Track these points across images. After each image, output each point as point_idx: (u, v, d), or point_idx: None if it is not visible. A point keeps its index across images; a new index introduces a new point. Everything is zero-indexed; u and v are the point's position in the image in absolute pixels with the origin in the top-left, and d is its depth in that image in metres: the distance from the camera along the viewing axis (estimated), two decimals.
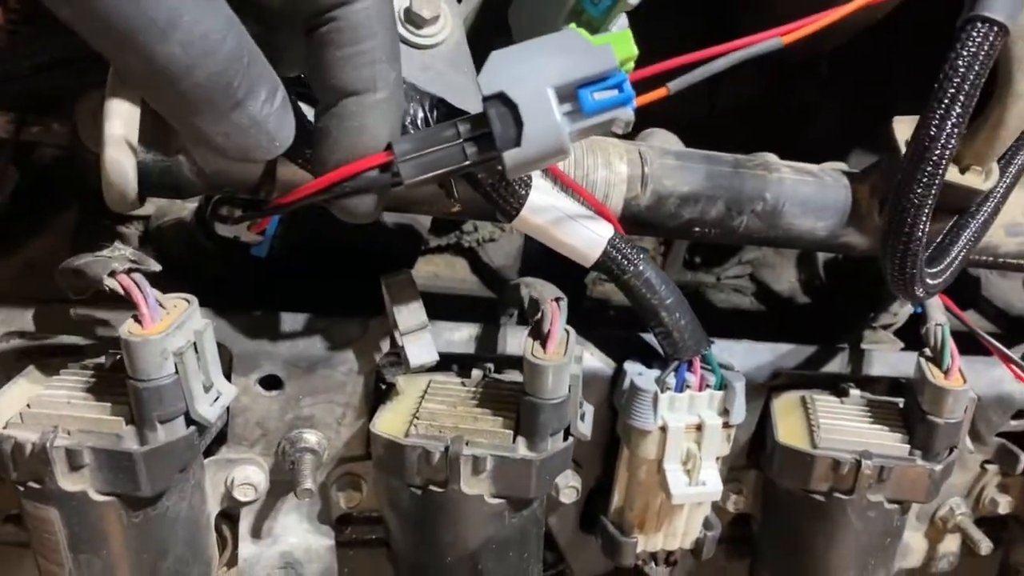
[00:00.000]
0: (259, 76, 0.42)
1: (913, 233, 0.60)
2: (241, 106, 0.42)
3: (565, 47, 0.42)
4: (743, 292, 0.93)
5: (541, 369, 0.58)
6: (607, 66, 0.42)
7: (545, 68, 0.42)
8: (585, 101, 0.42)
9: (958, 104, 0.57)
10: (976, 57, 0.56)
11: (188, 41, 0.38)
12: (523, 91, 0.42)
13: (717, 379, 0.67)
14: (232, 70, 0.40)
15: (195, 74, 0.39)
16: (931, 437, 0.68)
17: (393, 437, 0.60)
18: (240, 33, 0.41)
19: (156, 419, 0.53)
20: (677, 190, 0.67)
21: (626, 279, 0.63)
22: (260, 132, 0.43)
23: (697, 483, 0.66)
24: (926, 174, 0.59)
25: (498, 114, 0.42)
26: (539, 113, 0.42)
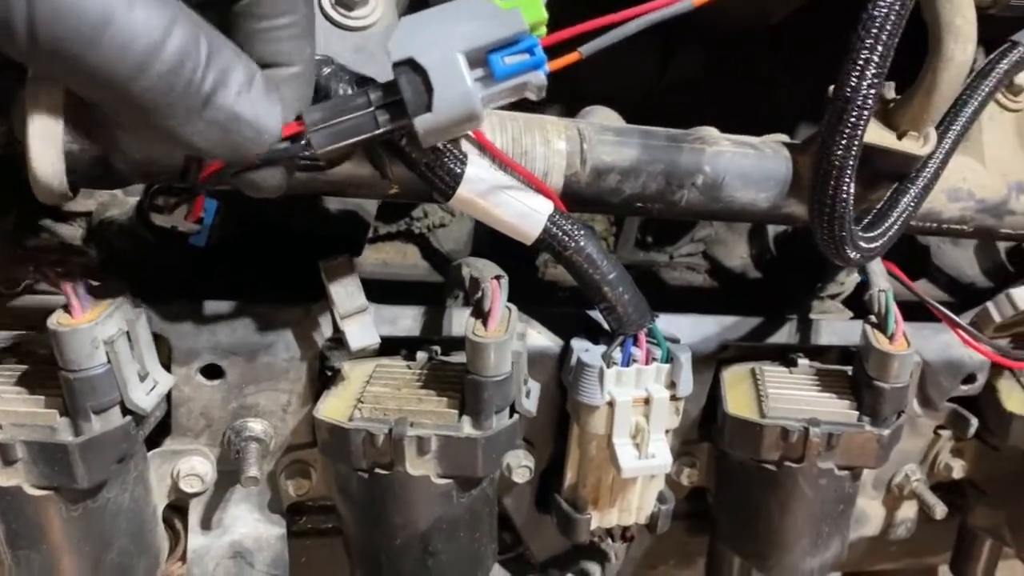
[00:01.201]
0: (227, 66, 0.40)
1: (838, 195, 0.60)
2: (211, 102, 0.40)
3: (474, 12, 0.42)
4: (696, 269, 0.93)
5: (482, 347, 0.58)
6: (516, 29, 0.42)
7: (455, 33, 0.42)
8: (496, 66, 0.42)
9: (872, 64, 0.57)
10: (888, 15, 0.56)
11: (122, 45, 0.36)
12: (433, 56, 0.42)
13: (663, 352, 0.67)
14: (186, 67, 0.38)
15: (141, 78, 0.38)
16: (878, 402, 0.69)
17: (337, 421, 0.60)
18: (190, 26, 0.39)
19: (90, 409, 0.53)
20: (617, 166, 0.67)
21: (568, 255, 0.63)
22: (242, 125, 0.42)
23: (647, 456, 0.66)
24: (845, 135, 0.58)
25: (408, 80, 0.42)
26: (449, 78, 0.41)
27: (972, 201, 0.77)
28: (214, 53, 0.39)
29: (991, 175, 0.79)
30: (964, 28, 0.64)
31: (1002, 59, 0.73)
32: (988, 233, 0.80)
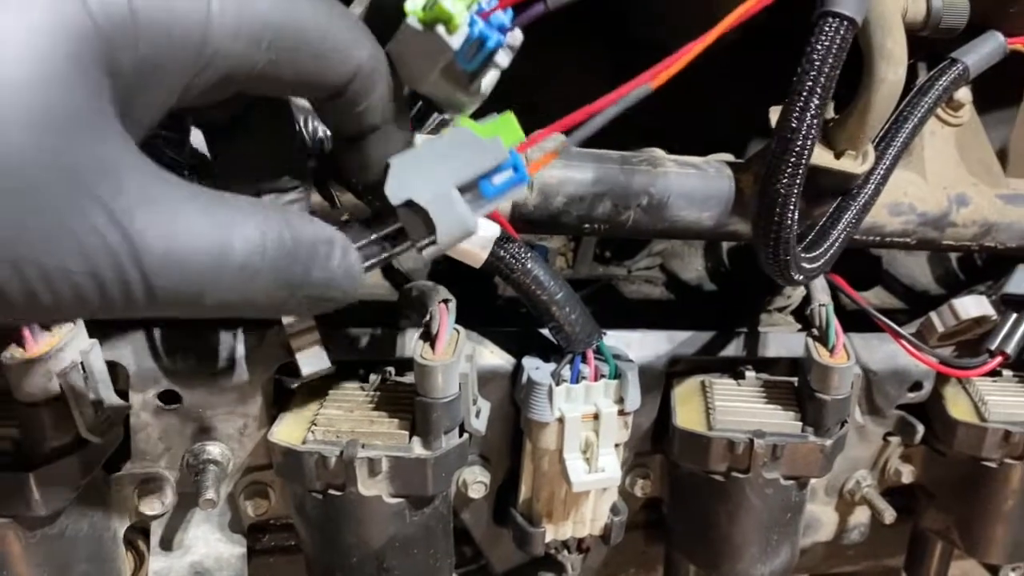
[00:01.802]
0: (312, 246, 0.40)
1: (783, 222, 0.63)
2: (307, 282, 0.40)
3: (458, 146, 0.45)
4: (654, 283, 0.95)
5: (430, 370, 0.60)
6: (500, 159, 0.45)
7: (444, 170, 0.45)
8: (485, 188, 0.45)
9: (816, 96, 0.60)
10: (830, 50, 0.59)
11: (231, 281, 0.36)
12: (428, 195, 0.45)
13: (611, 369, 0.69)
14: (284, 264, 0.38)
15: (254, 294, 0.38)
16: (821, 413, 0.71)
17: (290, 444, 0.62)
18: (273, 222, 0.38)
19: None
20: (563, 189, 0.69)
21: (516, 278, 0.65)
22: (335, 291, 0.42)
23: (596, 470, 0.68)
24: (790, 164, 0.61)
25: (410, 219, 0.45)
26: (447, 212, 0.45)
27: (914, 215, 0.80)
28: (298, 237, 0.39)
29: (932, 189, 0.81)
30: (895, 51, 0.67)
31: (941, 76, 0.76)
32: (930, 245, 0.83)
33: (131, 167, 0.34)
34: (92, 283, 0.32)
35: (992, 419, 0.79)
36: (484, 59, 0.51)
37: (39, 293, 0.31)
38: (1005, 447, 0.79)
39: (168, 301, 0.34)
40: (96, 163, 0.32)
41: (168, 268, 0.34)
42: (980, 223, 0.82)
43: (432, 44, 0.47)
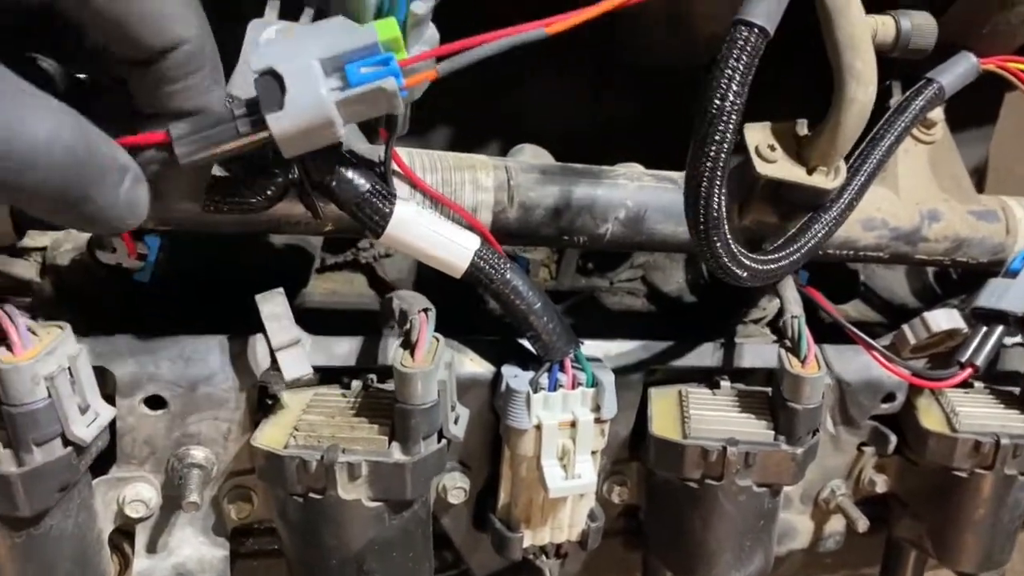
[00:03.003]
0: (102, 166, 0.42)
1: (707, 219, 0.61)
2: (87, 199, 0.42)
3: (332, 29, 0.46)
4: (636, 294, 0.97)
5: (409, 377, 0.62)
6: (368, 41, 0.45)
7: (312, 45, 0.45)
8: (352, 74, 0.46)
9: (728, 101, 0.59)
10: (741, 56, 0.59)
11: (20, 158, 0.38)
12: (289, 65, 0.45)
13: (588, 377, 0.70)
14: (67, 172, 0.40)
15: (34, 179, 0.39)
16: (792, 422, 0.72)
17: (272, 449, 0.63)
18: (75, 126, 0.41)
19: (31, 442, 0.56)
20: (542, 202, 0.72)
21: (495, 288, 0.67)
22: (112, 215, 0.44)
23: (573, 476, 0.70)
24: (707, 165, 0.60)
25: (265, 87, 0.45)
26: (303, 83, 0.45)
27: (886, 230, 0.82)
28: (92, 152, 0.42)
29: (905, 204, 0.83)
30: (864, 71, 0.69)
31: (918, 96, 0.78)
32: (904, 259, 0.85)
33: None
34: None
35: (963, 430, 0.81)
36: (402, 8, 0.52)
37: None
38: (975, 457, 0.81)
39: None
40: None
41: None
42: (952, 238, 0.84)
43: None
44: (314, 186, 0.62)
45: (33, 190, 0.40)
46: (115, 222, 0.44)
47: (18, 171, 0.38)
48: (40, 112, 0.40)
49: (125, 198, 0.44)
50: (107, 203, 0.43)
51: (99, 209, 0.43)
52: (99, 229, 0.46)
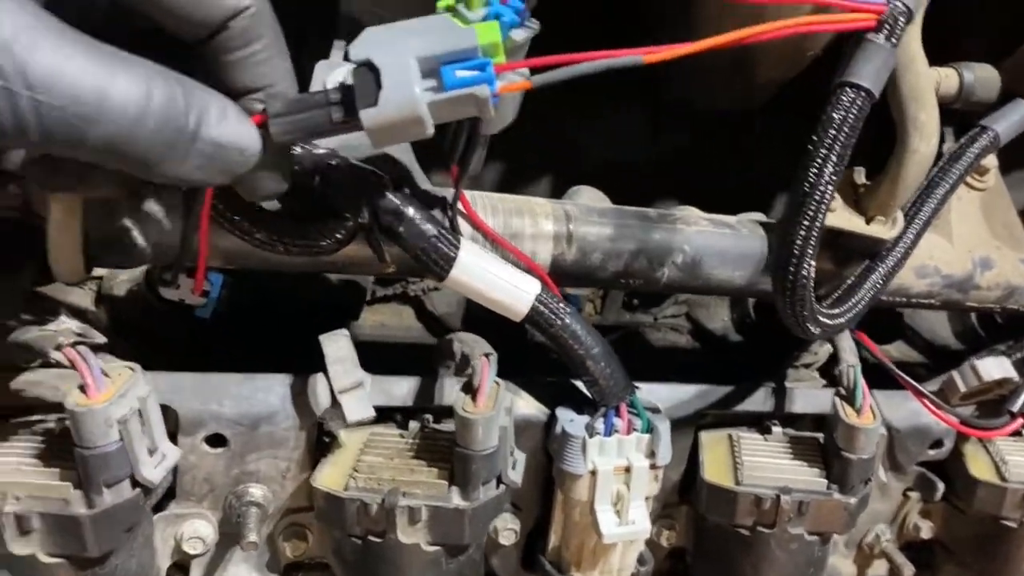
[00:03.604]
0: (201, 102, 0.44)
1: (797, 278, 0.64)
2: (197, 137, 0.43)
3: (433, 27, 0.46)
4: (679, 331, 0.97)
5: (471, 422, 0.62)
6: (468, 44, 0.45)
7: (411, 42, 0.45)
8: (447, 76, 0.46)
9: (830, 163, 0.61)
10: (846, 119, 0.60)
11: (117, 116, 0.40)
12: (387, 59, 0.45)
13: (643, 423, 0.70)
14: (172, 115, 0.42)
15: (137, 138, 0.41)
16: (846, 472, 0.72)
17: (332, 490, 0.64)
18: (163, 77, 0.42)
19: (102, 484, 0.56)
20: (600, 245, 0.72)
21: (553, 332, 0.67)
22: (227, 151, 0.45)
23: (627, 522, 0.70)
24: (803, 226, 0.62)
25: (362, 79, 0.45)
26: (399, 79, 0.45)
27: (939, 277, 0.82)
28: (187, 93, 0.43)
29: (957, 252, 0.83)
30: (928, 124, 0.69)
31: (972, 143, 0.78)
32: (955, 306, 0.85)
33: (25, 12, 0.38)
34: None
35: (1012, 479, 0.81)
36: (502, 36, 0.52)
37: None
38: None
39: (56, 130, 0.39)
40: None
41: (54, 93, 0.38)
42: (1003, 286, 0.84)
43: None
44: (382, 230, 0.63)
45: (148, 140, 0.41)
46: (235, 161, 0.45)
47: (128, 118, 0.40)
48: (132, 62, 0.41)
49: (235, 132, 0.45)
50: (219, 140, 0.44)
51: (213, 149, 0.44)
52: (222, 174, 0.46)
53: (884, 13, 0.56)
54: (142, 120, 0.41)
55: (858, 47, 0.58)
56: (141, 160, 0.43)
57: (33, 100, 0.38)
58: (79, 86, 0.39)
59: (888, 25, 0.57)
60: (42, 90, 0.38)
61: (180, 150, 0.43)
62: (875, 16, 0.57)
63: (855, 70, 0.58)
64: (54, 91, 0.38)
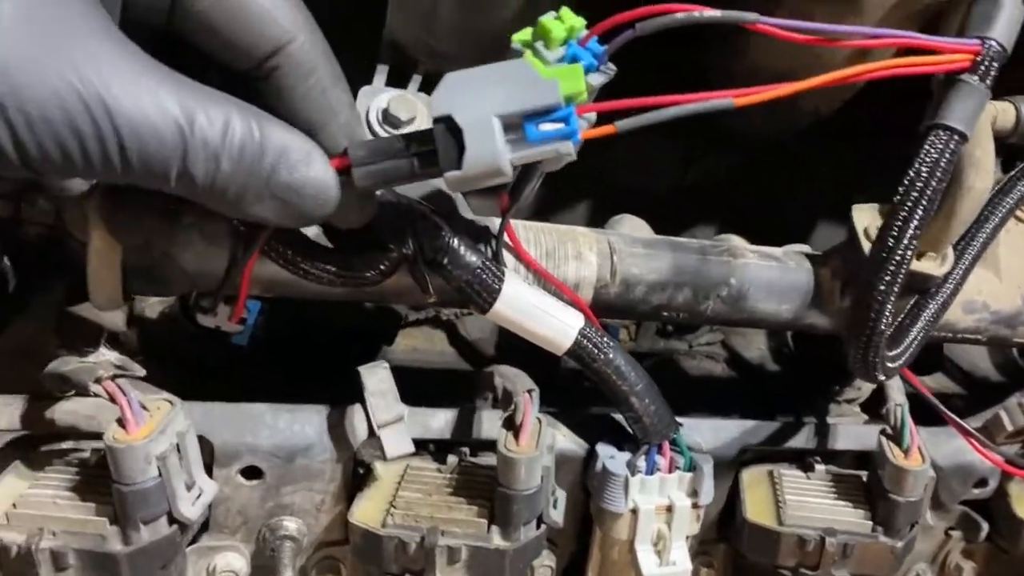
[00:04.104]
0: (281, 143, 0.43)
1: (876, 327, 0.63)
2: (273, 181, 0.43)
3: (515, 77, 0.44)
4: (715, 359, 0.95)
5: (514, 462, 0.61)
6: (551, 101, 0.44)
7: (493, 96, 0.44)
8: (530, 131, 0.45)
9: (921, 208, 0.59)
10: (938, 163, 0.59)
11: (195, 154, 0.40)
12: (469, 116, 0.44)
13: (686, 461, 0.69)
14: (248, 156, 0.42)
15: (216, 175, 0.41)
16: (892, 514, 0.70)
17: (370, 527, 0.62)
18: (242, 115, 0.42)
19: (140, 520, 0.55)
20: (645, 278, 0.70)
21: (596, 367, 0.65)
22: (304, 196, 0.44)
23: (668, 563, 0.68)
24: (889, 273, 0.61)
25: (444, 136, 0.44)
26: (482, 139, 0.44)
27: (987, 313, 0.80)
28: (267, 136, 0.42)
29: (1006, 287, 0.81)
30: (983, 160, 0.67)
31: (1023, 177, 0.76)
32: (1002, 342, 0.83)
33: (109, 41, 0.39)
34: (73, 137, 0.37)
35: None
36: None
37: (27, 143, 0.37)
38: None
39: (139, 165, 0.39)
40: (76, 33, 0.38)
41: (138, 130, 0.38)
42: None
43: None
44: (426, 262, 0.61)
45: (225, 179, 0.41)
46: (308, 205, 0.44)
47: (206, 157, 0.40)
48: (212, 98, 0.41)
49: (312, 178, 0.44)
50: (295, 186, 0.43)
51: (289, 193, 0.43)
52: (298, 218, 0.45)
53: (980, 53, 0.55)
54: (218, 158, 0.41)
55: (951, 88, 0.56)
56: (220, 198, 0.42)
57: (117, 135, 0.38)
58: (162, 123, 0.39)
59: (983, 66, 0.55)
60: (126, 127, 0.38)
61: (255, 191, 0.43)
62: (971, 57, 0.55)
63: (948, 112, 0.56)
64: (138, 128, 0.38)
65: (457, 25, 0.68)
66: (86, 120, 0.37)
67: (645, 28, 0.48)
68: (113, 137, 0.38)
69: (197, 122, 0.40)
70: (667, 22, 0.48)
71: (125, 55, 0.39)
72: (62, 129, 0.37)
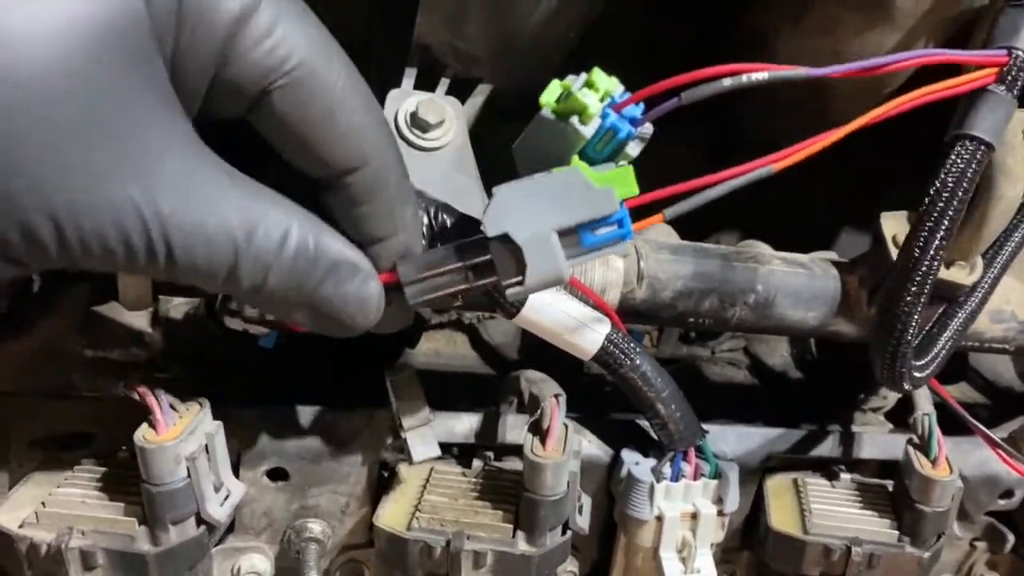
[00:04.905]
0: (332, 261, 0.43)
1: (903, 337, 0.63)
2: (319, 294, 0.42)
3: (568, 187, 0.44)
4: (737, 365, 0.95)
5: (540, 467, 0.60)
6: (609, 211, 0.44)
7: (548, 210, 0.44)
8: (586, 238, 0.45)
9: (947, 218, 0.60)
10: (964, 173, 0.58)
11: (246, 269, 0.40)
12: (527, 233, 0.44)
13: (712, 468, 0.69)
14: (300, 264, 0.41)
15: (263, 285, 0.40)
16: (919, 524, 0.70)
17: (395, 531, 0.62)
18: (299, 224, 0.41)
19: (168, 521, 0.55)
20: (672, 284, 0.70)
21: (623, 373, 0.65)
22: (349, 311, 0.44)
23: (692, 571, 0.68)
24: (915, 284, 0.61)
25: (501, 253, 0.44)
26: (543, 255, 0.43)
27: (1015, 322, 0.79)
28: (321, 250, 0.42)
29: None
30: (1015, 168, 0.67)
31: None
32: None
33: (177, 145, 0.38)
34: (122, 247, 0.36)
35: None
36: (614, 149, 0.51)
37: (72, 247, 0.36)
38: None
39: (186, 273, 0.39)
40: (142, 137, 0.36)
41: (191, 246, 0.38)
42: None
43: (565, 134, 0.47)
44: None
45: (271, 287, 0.41)
46: (347, 320, 0.44)
47: (255, 270, 0.40)
48: (274, 208, 0.40)
49: (356, 295, 0.44)
50: (339, 300, 0.43)
51: (329, 308, 0.43)
52: (333, 330, 0.45)
53: (1007, 64, 0.54)
54: (270, 272, 0.40)
55: (978, 97, 0.56)
56: (262, 304, 0.43)
57: (167, 246, 0.37)
58: (218, 236, 0.38)
59: (1011, 76, 0.55)
60: (179, 239, 0.37)
61: (298, 301, 0.42)
62: (998, 69, 0.55)
63: (975, 122, 0.56)
64: (191, 241, 0.37)
65: (486, 28, 0.68)
66: (138, 231, 0.36)
67: (692, 97, 0.48)
68: (163, 247, 0.37)
69: (254, 237, 0.39)
70: (714, 89, 0.48)
71: (192, 161, 0.38)
72: (111, 236, 0.36)
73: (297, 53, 0.40)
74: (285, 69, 0.40)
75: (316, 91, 0.41)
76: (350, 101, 0.43)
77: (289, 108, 0.41)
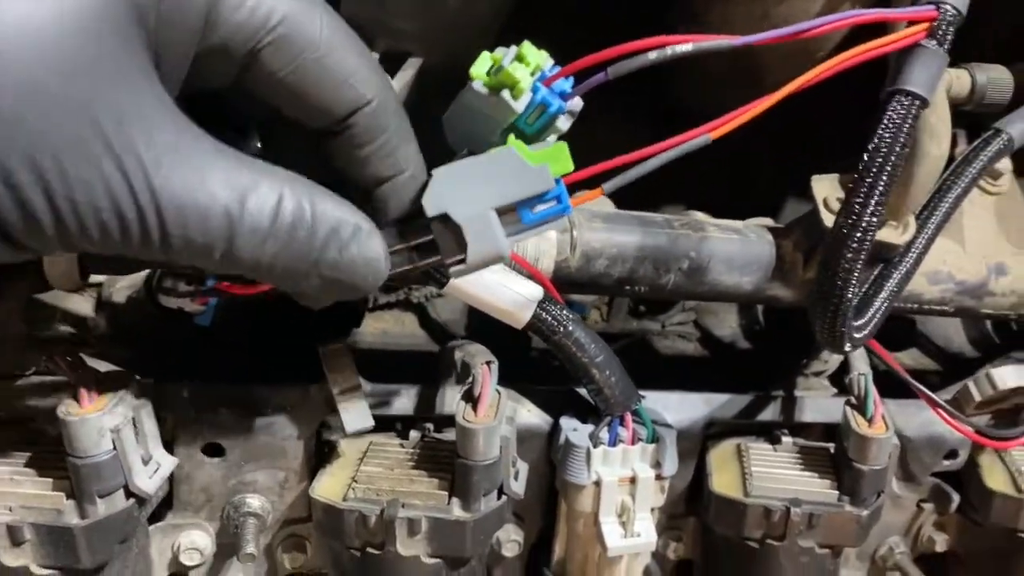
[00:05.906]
0: (335, 223, 0.42)
1: (843, 297, 0.63)
2: (323, 259, 0.42)
3: (503, 167, 0.45)
4: (687, 338, 0.96)
5: (472, 432, 0.61)
6: (544, 187, 0.45)
7: (485, 190, 0.44)
8: (525, 215, 0.46)
9: (885, 173, 0.60)
10: (900, 128, 0.59)
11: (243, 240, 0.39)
12: (465, 212, 0.44)
13: (649, 432, 0.69)
14: (299, 231, 0.40)
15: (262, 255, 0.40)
16: (857, 483, 0.70)
17: (331, 501, 0.63)
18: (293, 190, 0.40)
19: (95, 493, 0.55)
20: (605, 252, 0.70)
21: (556, 339, 0.66)
22: (355, 272, 0.43)
23: (632, 535, 0.68)
24: (856, 240, 0.61)
25: (442, 231, 0.45)
26: (483, 234, 0.44)
27: (952, 283, 0.80)
28: (318, 215, 0.41)
29: (971, 258, 0.81)
30: (938, 126, 0.67)
31: (986, 146, 0.76)
32: (968, 313, 0.82)
33: (163, 118, 0.38)
34: (115, 220, 0.36)
35: None
36: (545, 123, 0.52)
37: (68, 223, 0.36)
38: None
39: (181, 248, 0.38)
40: (130, 111, 0.36)
41: (183, 218, 0.37)
42: (1019, 292, 0.82)
43: (496, 108, 0.48)
44: None
45: (273, 258, 0.40)
46: (360, 282, 0.44)
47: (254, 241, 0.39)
48: (265, 176, 0.40)
49: (362, 254, 0.43)
50: (346, 262, 0.42)
51: (337, 272, 0.42)
52: (345, 295, 0.45)
53: (936, 19, 0.55)
54: (268, 242, 0.40)
55: (910, 53, 0.56)
56: (265, 276, 0.42)
57: (160, 221, 0.37)
58: (211, 208, 0.38)
59: (941, 30, 0.56)
60: (172, 214, 0.37)
61: (303, 269, 0.41)
62: (928, 24, 0.55)
63: (909, 77, 0.56)
64: (185, 215, 0.37)
65: (412, 2, 0.68)
66: (130, 204, 0.36)
67: (618, 71, 0.49)
68: (155, 218, 0.37)
69: (247, 206, 0.39)
70: (640, 63, 0.49)
71: (179, 134, 0.38)
72: (104, 209, 0.36)
73: (280, 8, 0.41)
74: (270, 26, 0.41)
75: (304, 42, 0.42)
76: (339, 45, 0.43)
77: (281, 64, 0.42)
